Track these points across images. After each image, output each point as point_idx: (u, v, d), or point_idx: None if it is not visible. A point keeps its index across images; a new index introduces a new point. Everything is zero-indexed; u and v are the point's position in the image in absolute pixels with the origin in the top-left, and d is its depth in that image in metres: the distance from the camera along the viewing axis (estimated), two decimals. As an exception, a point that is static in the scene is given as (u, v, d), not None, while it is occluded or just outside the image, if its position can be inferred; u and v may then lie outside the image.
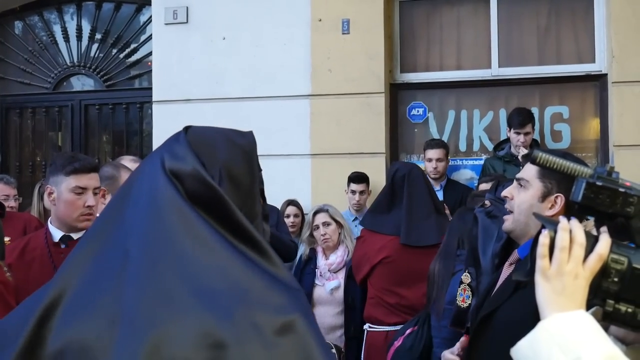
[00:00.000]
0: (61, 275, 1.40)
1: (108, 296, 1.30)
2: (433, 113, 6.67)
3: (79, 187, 3.30)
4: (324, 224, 4.82)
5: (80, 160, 3.39)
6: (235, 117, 6.50)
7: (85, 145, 7.57)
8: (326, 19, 6.47)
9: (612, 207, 1.36)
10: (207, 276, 1.32)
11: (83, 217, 3.35)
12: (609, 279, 1.33)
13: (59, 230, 3.39)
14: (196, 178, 1.41)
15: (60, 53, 7.73)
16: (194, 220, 1.37)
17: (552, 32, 6.49)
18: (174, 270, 1.31)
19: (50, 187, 3.34)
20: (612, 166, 1.39)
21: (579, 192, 1.37)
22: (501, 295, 2.34)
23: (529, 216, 2.37)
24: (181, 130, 1.53)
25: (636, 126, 5.91)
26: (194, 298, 1.28)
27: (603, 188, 1.36)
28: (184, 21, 6.78)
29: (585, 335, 1.29)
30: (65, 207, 3.32)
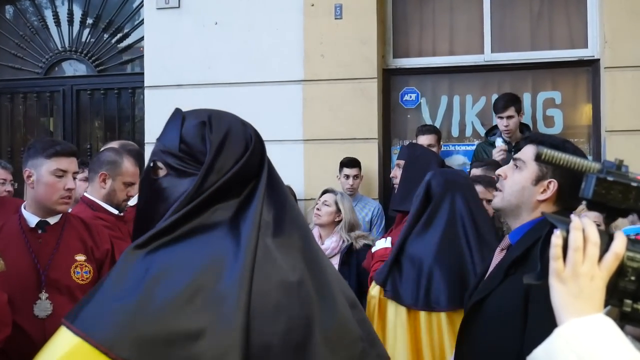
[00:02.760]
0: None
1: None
2: (426, 98, 6.66)
3: (60, 169, 3.32)
4: (324, 202, 4.82)
5: (61, 144, 3.43)
6: (227, 103, 6.44)
7: (77, 131, 7.54)
8: (319, 4, 6.44)
9: (625, 203, 1.31)
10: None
11: (62, 200, 3.36)
12: (626, 278, 1.27)
13: (34, 216, 3.38)
14: None
15: (52, 38, 7.68)
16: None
17: (545, 18, 6.48)
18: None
19: (29, 170, 3.34)
20: (621, 160, 1.33)
21: (590, 189, 1.31)
22: (492, 282, 2.34)
23: (520, 198, 2.37)
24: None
25: (628, 111, 5.92)
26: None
27: (615, 183, 1.30)
28: (176, 6, 6.74)
29: (604, 341, 1.21)
30: (45, 190, 3.32)
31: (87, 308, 1.55)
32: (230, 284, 1.56)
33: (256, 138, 1.83)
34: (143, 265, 1.58)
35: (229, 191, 1.71)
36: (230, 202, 1.71)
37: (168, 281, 1.54)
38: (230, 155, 1.74)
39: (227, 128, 1.78)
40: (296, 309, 1.61)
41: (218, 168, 1.71)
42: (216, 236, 1.64)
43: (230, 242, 1.63)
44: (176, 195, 1.73)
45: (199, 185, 1.68)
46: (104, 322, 1.49)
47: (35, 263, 3.28)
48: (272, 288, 1.60)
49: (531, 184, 2.35)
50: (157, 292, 1.52)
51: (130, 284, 1.55)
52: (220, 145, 1.73)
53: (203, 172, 1.70)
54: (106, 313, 1.51)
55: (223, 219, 1.68)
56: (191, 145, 1.76)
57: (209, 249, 1.62)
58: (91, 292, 1.61)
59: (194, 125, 1.78)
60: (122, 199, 4.03)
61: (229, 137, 1.76)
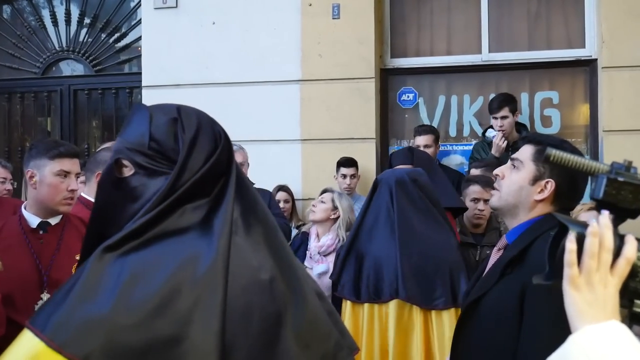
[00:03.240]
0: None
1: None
2: (423, 98, 6.67)
3: (64, 170, 3.32)
4: (320, 199, 4.82)
5: (64, 145, 3.42)
6: (225, 102, 6.48)
7: (74, 131, 7.54)
8: (316, 4, 6.44)
9: (635, 203, 1.31)
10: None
11: (65, 201, 3.35)
12: (637, 279, 1.28)
13: (35, 216, 3.38)
14: None
15: (49, 38, 7.67)
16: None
17: (543, 17, 6.48)
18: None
19: (32, 170, 3.33)
20: (630, 161, 1.33)
21: (600, 189, 1.30)
22: (488, 281, 2.34)
23: (517, 198, 2.38)
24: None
25: (626, 111, 5.92)
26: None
27: (625, 184, 1.30)
28: (174, 6, 6.74)
29: (619, 347, 1.21)
30: (48, 191, 3.31)
31: (58, 314, 1.48)
32: (205, 287, 1.53)
33: (224, 134, 1.79)
34: (115, 268, 1.53)
35: (199, 190, 1.67)
36: (200, 202, 1.66)
37: (142, 286, 1.50)
38: (201, 153, 1.69)
39: (197, 125, 1.73)
40: (269, 308, 1.60)
41: (191, 166, 1.66)
42: (189, 237, 1.60)
43: (203, 242, 1.60)
44: (147, 195, 1.67)
45: (172, 184, 1.64)
46: (78, 332, 1.45)
47: (37, 263, 3.28)
48: (245, 288, 1.58)
49: (528, 183, 2.36)
50: (131, 297, 1.48)
51: (103, 288, 1.50)
52: (192, 142, 1.69)
53: (177, 171, 1.65)
54: (79, 321, 1.46)
55: (195, 220, 1.63)
56: (162, 142, 1.70)
57: (182, 250, 1.58)
58: (60, 296, 1.54)
59: (164, 123, 1.72)
60: None
61: (200, 134, 1.71)
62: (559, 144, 2.39)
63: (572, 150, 2.39)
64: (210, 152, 1.71)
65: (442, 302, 3.64)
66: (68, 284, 1.57)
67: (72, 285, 1.54)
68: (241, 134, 6.39)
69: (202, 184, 1.67)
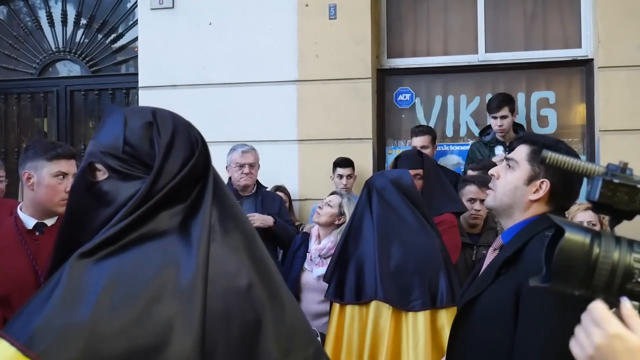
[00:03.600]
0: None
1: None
2: (420, 98, 6.67)
3: (62, 172, 3.31)
4: (327, 202, 4.78)
5: (61, 146, 3.43)
6: (222, 103, 6.48)
7: (71, 131, 7.53)
8: (313, 4, 6.45)
9: (631, 205, 1.30)
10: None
11: (63, 202, 3.33)
12: (633, 280, 1.26)
13: (31, 218, 3.37)
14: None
15: (46, 38, 7.67)
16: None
17: (539, 17, 6.49)
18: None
19: (29, 172, 3.32)
20: (626, 162, 1.32)
21: (596, 191, 1.30)
22: (484, 282, 2.35)
23: (512, 198, 2.38)
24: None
25: (622, 111, 5.93)
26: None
27: (621, 185, 1.29)
28: (170, 6, 6.74)
29: None
30: (46, 192, 3.31)
31: (35, 322, 1.46)
32: (185, 295, 1.51)
33: (201, 139, 1.75)
34: (93, 275, 1.50)
35: (176, 196, 1.64)
36: (177, 208, 1.63)
37: (121, 294, 1.48)
38: (177, 157, 1.66)
39: (173, 129, 1.70)
40: (248, 314, 1.58)
41: (167, 171, 1.63)
42: (167, 243, 1.58)
43: (182, 249, 1.57)
44: (120, 200, 1.64)
45: (148, 189, 1.61)
46: (56, 340, 1.42)
47: (34, 265, 3.28)
48: (223, 294, 1.57)
49: (524, 183, 2.36)
50: (110, 305, 1.46)
51: (81, 295, 1.47)
52: (168, 147, 1.66)
53: (153, 176, 1.62)
54: (58, 329, 1.44)
55: (172, 225, 1.61)
56: (137, 147, 1.67)
57: (160, 257, 1.55)
58: (36, 304, 1.51)
59: (139, 126, 1.68)
60: None
61: (176, 138, 1.68)
62: (554, 144, 2.40)
63: (567, 151, 2.39)
64: (187, 157, 1.68)
65: (419, 304, 3.67)
66: (44, 291, 1.53)
67: (49, 292, 1.51)
68: (238, 134, 6.39)
69: (179, 189, 1.65)
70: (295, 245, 4.88)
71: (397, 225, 3.90)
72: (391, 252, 3.82)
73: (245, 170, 5.28)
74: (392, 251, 3.82)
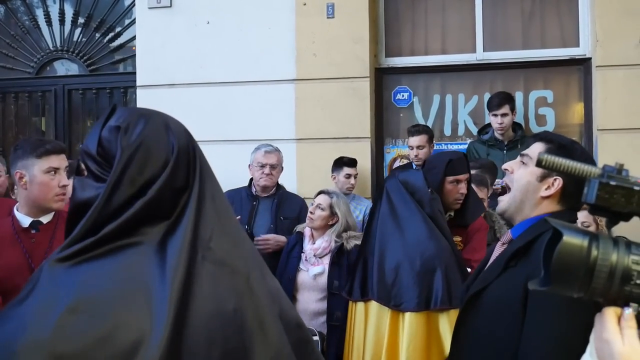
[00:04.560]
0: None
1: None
2: (418, 97, 6.67)
3: (53, 167, 3.33)
4: (318, 205, 4.75)
5: (50, 142, 3.43)
6: (219, 102, 6.48)
7: (68, 131, 7.52)
8: (311, 3, 6.44)
9: (628, 207, 1.30)
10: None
11: (58, 197, 3.37)
12: (631, 282, 1.26)
13: (26, 217, 3.39)
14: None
15: (43, 37, 7.66)
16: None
17: (537, 16, 6.49)
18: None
19: (21, 172, 3.33)
20: (622, 164, 1.32)
21: (593, 193, 1.30)
22: (491, 274, 2.35)
23: (524, 193, 2.39)
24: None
25: (620, 110, 5.93)
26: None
27: (617, 187, 1.29)
28: (168, 5, 6.73)
29: None
30: (39, 189, 3.32)
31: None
32: (155, 318, 1.45)
33: (180, 147, 1.66)
34: (62, 286, 1.47)
35: (156, 208, 1.58)
36: (158, 222, 1.58)
37: (86, 312, 1.43)
38: (143, 167, 1.60)
39: (141, 138, 1.62)
40: (232, 341, 1.52)
41: (129, 180, 1.58)
42: (141, 263, 1.52)
43: (156, 269, 1.51)
44: (84, 198, 1.64)
45: (107, 197, 1.56)
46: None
47: (29, 262, 3.30)
48: (205, 319, 1.50)
49: (536, 179, 2.37)
50: (74, 324, 1.42)
51: (46, 309, 1.44)
52: (130, 156, 1.59)
53: (110, 184, 1.57)
54: (17, 347, 1.40)
55: (151, 242, 1.55)
56: (107, 150, 1.64)
57: (133, 278, 1.49)
58: (2, 319, 1.49)
59: (110, 129, 1.65)
60: None
61: (141, 147, 1.61)
62: (569, 144, 2.42)
63: (582, 151, 2.42)
64: (159, 169, 1.61)
65: (411, 305, 3.64)
66: (14, 302, 1.51)
67: (18, 303, 1.49)
68: (236, 133, 6.40)
69: (158, 202, 1.58)
70: (289, 246, 4.87)
71: (399, 225, 3.89)
72: (389, 252, 3.82)
73: (266, 171, 5.25)
74: (390, 251, 3.82)
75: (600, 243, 1.27)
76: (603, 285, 1.26)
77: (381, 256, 3.84)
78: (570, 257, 1.27)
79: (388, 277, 3.75)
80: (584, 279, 1.26)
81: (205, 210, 1.62)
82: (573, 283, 1.27)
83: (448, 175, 4.23)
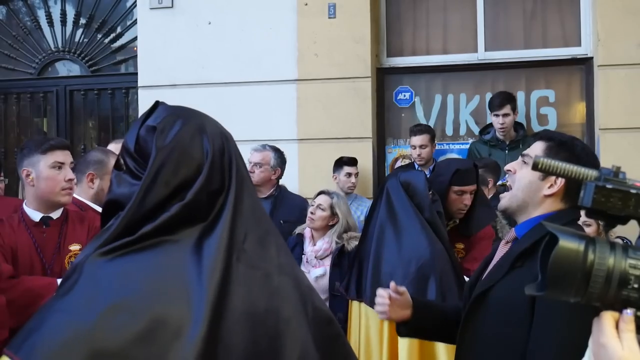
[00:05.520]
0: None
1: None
2: (420, 97, 6.67)
3: (58, 162, 3.41)
4: (318, 206, 4.74)
5: (54, 139, 3.55)
6: (221, 102, 6.47)
7: (70, 131, 7.52)
8: (312, 3, 6.44)
9: (625, 210, 1.28)
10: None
11: (65, 191, 3.45)
12: (629, 286, 1.24)
13: (36, 212, 3.46)
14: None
15: (45, 38, 7.66)
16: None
17: (538, 16, 6.49)
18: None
19: (27, 169, 3.41)
20: (619, 166, 1.30)
21: (589, 197, 1.28)
22: (497, 274, 2.33)
23: (527, 192, 2.37)
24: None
25: (622, 109, 5.93)
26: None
27: (614, 191, 1.27)
28: (169, 6, 6.74)
29: None
30: (46, 184, 3.40)
31: (40, 332, 1.44)
32: (193, 316, 1.47)
33: (215, 151, 1.66)
34: (102, 281, 1.49)
35: (193, 211, 1.59)
36: (194, 223, 1.59)
37: (127, 309, 1.45)
38: (177, 169, 1.61)
39: (176, 140, 1.64)
40: (262, 342, 1.54)
41: (164, 181, 1.59)
42: (180, 261, 1.54)
43: (194, 269, 1.52)
44: (118, 193, 1.67)
45: (141, 197, 1.57)
46: (55, 353, 1.40)
47: (41, 257, 3.39)
48: (239, 319, 1.52)
49: (538, 178, 2.34)
50: (114, 323, 1.43)
51: (89, 301, 1.46)
52: (165, 158, 1.61)
53: (145, 186, 1.58)
54: (58, 341, 1.41)
55: (187, 242, 1.56)
56: (143, 148, 1.66)
57: (172, 276, 1.51)
58: (43, 312, 1.51)
59: (148, 129, 1.67)
60: None
61: (176, 150, 1.62)
62: (570, 141, 2.39)
63: (583, 148, 2.39)
64: (193, 173, 1.62)
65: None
66: (57, 294, 1.54)
67: (59, 297, 1.52)
68: (237, 133, 6.34)
69: (195, 205, 1.60)
70: (289, 247, 4.85)
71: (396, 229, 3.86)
72: (384, 255, 3.82)
73: (248, 168, 5.25)
74: (385, 254, 3.82)
75: (597, 247, 1.25)
76: (600, 290, 1.24)
77: (377, 260, 3.83)
78: (566, 261, 1.25)
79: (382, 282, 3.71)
80: (580, 284, 1.25)
81: (241, 213, 1.64)
82: (569, 288, 1.26)
83: (453, 185, 4.20)
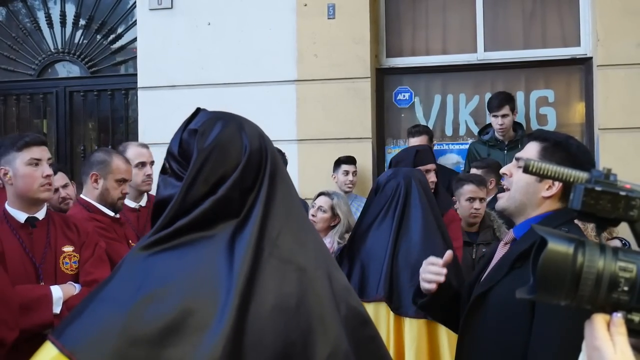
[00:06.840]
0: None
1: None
2: (419, 98, 6.67)
3: (34, 158, 3.37)
4: (319, 207, 4.74)
5: (29, 135, 3.48)
6: (221, 103, 6.43)
7: (70, 133, 7.52)
8: (312, 4, 6.44)
9: (614, 213, 1.27)
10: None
11: (43, 188, 3.40)
12: (618, 289, 1.23)
13: (20, 212, 3.42)
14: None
15: (44, 39, 7.66)
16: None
17: (538, 16, 6.49)
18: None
19: (4, 168, 3.37)
20: (609, 168, 1.29)
21: (579, 200, 1.27)
22: (496, 275, 2.33)
23: (525, 195, 2.37)
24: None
25: (621, 109, 5.93)
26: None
27: (603, 193, 1.26)
28: (169, 7, 6.74)
29: None
30: (24, 181, 3.36)
31: (79, 320, 1.53)
32: (220, 307, 1.53)
33: (252, 150, 1.73)
34: (139, 273, 1.58)
35: (226, 206, 1.66)
36: (228, 219, 1.66)
37: (159, 303, 1.52)
38: (217, 167, 1.69)
39: (217, 140, 1.71)
40: (293, 336, 1.57)
41: (204, 179, 1.67)
42: (213, 255, 1.61)
43: (225, 262, 1.59)
44: (164, 195, 1.75)
45: (183, 195, 1.66)
46: (91, 339, 1.49)
47: (31, 257, 3.35)
48: (268, 312, 1.57)
49: (535, 180, 2.34)
50: (146, 313, 1.51)
51: (123, 292, 1.55)
52: (206, 158, 1.69)
53: (186, 184, 1.67)
54: (95, 327, 1.50)
55: (221, 237, 1.63)
56: (186, 151, 1.74)
57: (204, 269, 1.58)
58: (86, 301, 1.59)
59: (190, 132, 1.75)
60: (117, 197, 4.07)
61: (216, 149, 1.70)
62: (564, 140, 2.39)
63: (578, 146, 2.39)
64: (231, 168, 1.70)
65: (412, 312, 3.59)
66: (98, 288, 1.63)
67: (100, 288, 1.61)
68: (237, 134, 6.38)
69: (227, 201, 1.67)
70: None
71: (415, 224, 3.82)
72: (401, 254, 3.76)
73: None
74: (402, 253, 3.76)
75: (587, 249, 1.25)
76: (590, 293, 1.24)
77: (394, 258, 3.76)
78: (555, 264, 1.24)
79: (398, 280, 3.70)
80: (570, 287, 1.24)
81: (274, 210, 1.70)
82: (559, 291, 1.25)
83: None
